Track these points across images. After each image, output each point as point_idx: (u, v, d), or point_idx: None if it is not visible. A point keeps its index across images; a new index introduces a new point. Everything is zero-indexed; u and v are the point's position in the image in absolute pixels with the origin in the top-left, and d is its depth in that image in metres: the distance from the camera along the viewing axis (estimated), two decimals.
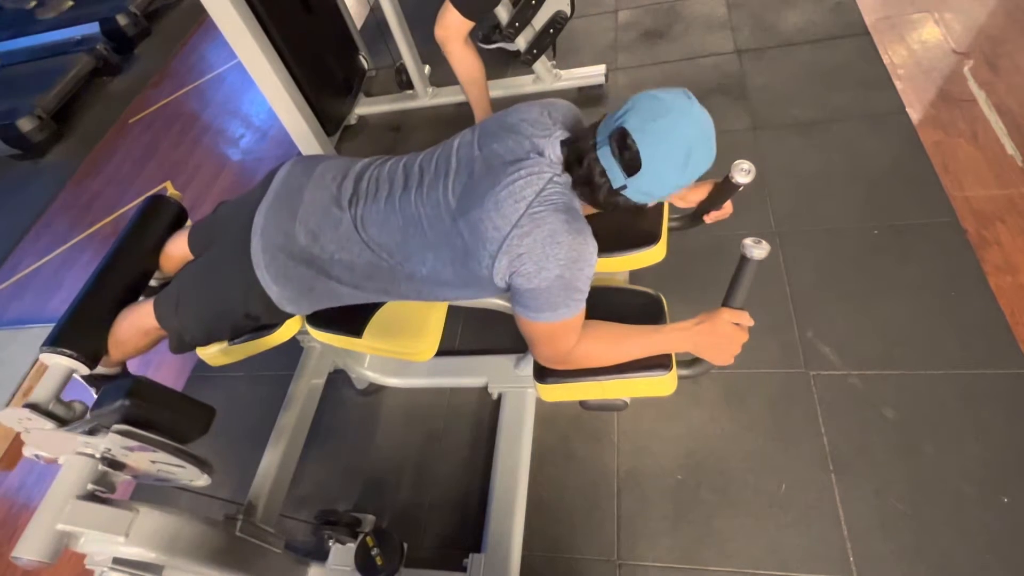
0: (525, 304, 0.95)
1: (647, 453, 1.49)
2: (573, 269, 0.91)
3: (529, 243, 0.90)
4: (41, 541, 0.86)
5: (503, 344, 1.73)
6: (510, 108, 1.06)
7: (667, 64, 2.47)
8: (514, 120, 1.02)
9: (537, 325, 0.97)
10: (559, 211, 0.91)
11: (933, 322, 1.51)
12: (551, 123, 1.01)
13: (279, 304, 1.13)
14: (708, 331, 0.98)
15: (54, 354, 1.11)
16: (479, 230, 0.94)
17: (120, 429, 0.89)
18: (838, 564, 1.25)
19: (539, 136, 0.98)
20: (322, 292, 1.13)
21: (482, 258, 0.95)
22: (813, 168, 1.92)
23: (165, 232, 1.36)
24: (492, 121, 1.06)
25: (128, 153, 3.23)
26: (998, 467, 1.28)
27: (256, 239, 1.09)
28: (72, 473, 0.93)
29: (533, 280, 0.91)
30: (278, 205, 1.11)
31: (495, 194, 0.93)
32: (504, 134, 1.00)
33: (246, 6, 2.03)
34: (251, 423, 1.71)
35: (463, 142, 1.06)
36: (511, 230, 0.90)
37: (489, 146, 1.00)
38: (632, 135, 0.86)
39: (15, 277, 2.70)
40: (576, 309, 0.95)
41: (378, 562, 1.28)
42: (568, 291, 0.93)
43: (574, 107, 1.08)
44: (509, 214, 0.91)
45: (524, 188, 0.92)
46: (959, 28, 2.18)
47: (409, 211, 1.03)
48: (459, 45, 2.00)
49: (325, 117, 2.47)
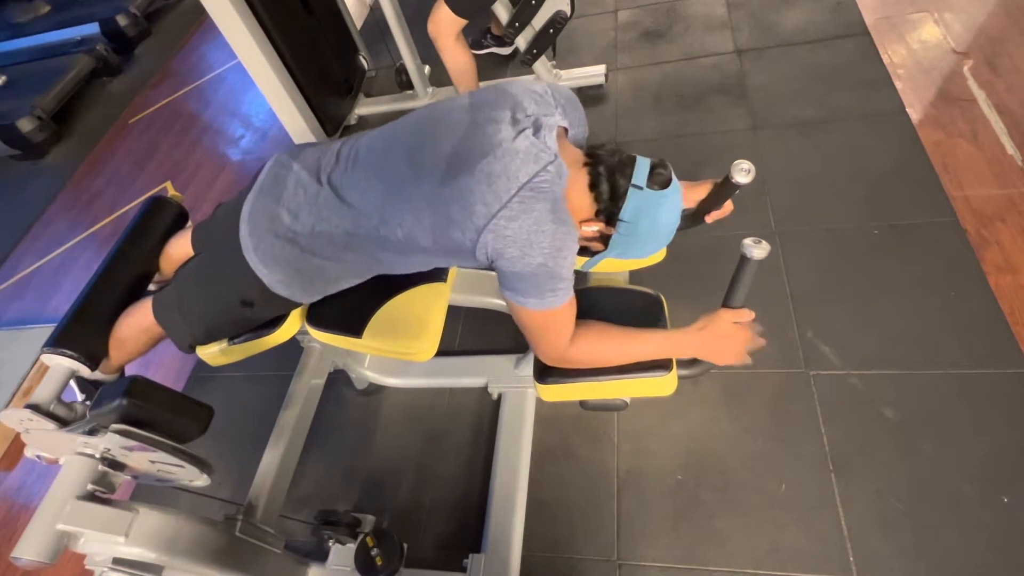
0: (511, 287, 0.97)
1: (647, 453, 1.49)
2: (557, 258, 0.93)
3: (515, 228, 0.91)
4: (41, 541, 0.86)
5: (503, 344, 1.73)
6: (511, 79, 1.06)
7: (667, 64, 2.47)
8: (516, 91, 1.01)
9: (526, 311, 0.98)
10: (547, 200, 0.92)
11: (933, 322, 1.51)
12: (553, 104, 1.02)
13: (271, 287, 1.12)
14: (711, 334, 0.99)
15: (55, 355, 1.11)
16: (468, 200, 0.93)
17: (119, 429, 0.89)
18: (838, 564, 1.25)
19: (542, 114, 0.98)
20: (310, 272, 1.13)
21: (466, 229, 0.94)
22: (813, 168, 1.92)
23: (166, 233, 1.36)
24: (490, 90, 1.05)
25: (128, 153, 3.23)
26: (998, 467, 1.28)
27: (244, 226, 1.10)
28: (72, 473, 0.93)
29: (516, 264, 0.93)
30: (263, 192, 1.12)
31: (488, 165, 0.92)
32: (503, 104, 0.99)
33: (246, 6, 2.03)
34: (251, 423, 1.71)
35: (456, 106, 1.04)
36: (500, 209, 0.91)
37: (485, 113, 0.99)
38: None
39: (15, 277, 2.70)
40: (563, 297, 0.96)
41: (378, 562, 1.28)
42: (552, 279, 0.94)
43: (575, 97, 1.10)
44: (500, 192, 0.91)
45: (520, 167, 0.92)
46: (959, 28, 2.18)
47: (389, 173, 1.02)
48: (450, 41, 2.01)
49: (325, 117, 2.47)
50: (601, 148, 1.00)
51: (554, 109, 1.01)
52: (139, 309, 1.23)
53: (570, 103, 1.07)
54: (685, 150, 2.12)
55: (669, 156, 1.02)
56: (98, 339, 1.19)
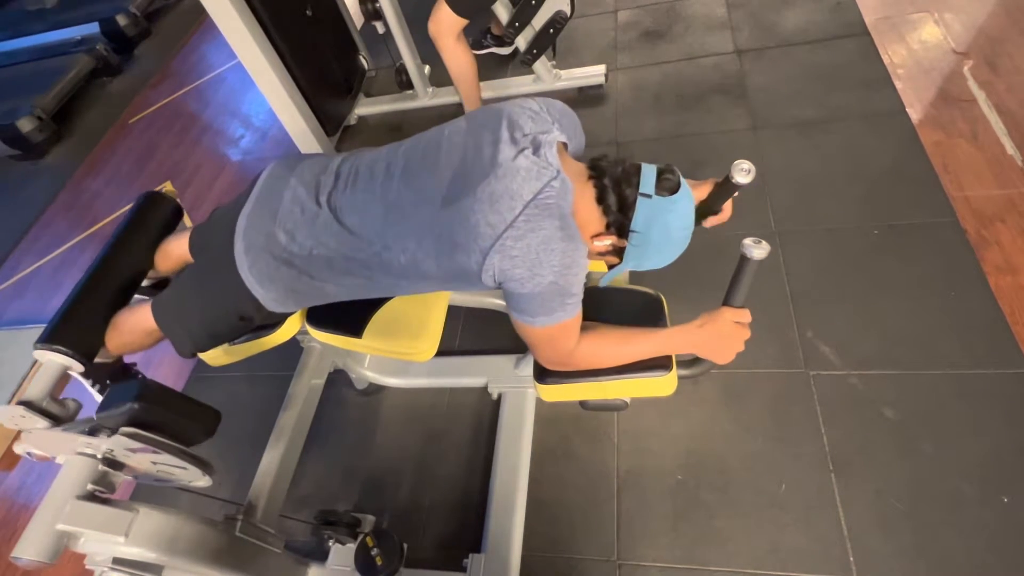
0: (520, 309, 0.95)
1: (647, 453, 1.49)
2: (567, 275, 0.91)
3: (523, 247, 0.89)
4: (41, 541, 0.86)
5: (503, 344, 1.73)
6: (505, 101, 1.05)
7: (667, 64, 2.47)
8: (512, 111, 1.00)
9: (534, 329, 0.97)
10: (554, 217, 0.91)
11: (933, 322, 1.51)
12: (550, 120, 1.00)
13: (266, 305, 1.12)
14: (711, 331, 0.99)
15: (48, 351, 1.09)
16: (470, 222, 0.92)
17: (128, 432, 0.89)
18: (838, 564, 1.25)
19: (539, 132, 0.97)
20: (306, 291, 1.12)
21: (472, 251, 0.93)
22: (813, 168, 1.92)
23: (160, 230, 1.34)
24: (486, 111, 1.04)
25: (128, 153, 3.23)
26: (998, 467, 1.28)
27: (239, 243, 1.08)
28: (72, 473, 0.93)
29: (526, 285, 0.91)
30: (259, 208, 1.10)
31: (489, 186, 0.91)
32: (500, 124, 0.98)
33: (246, 6, 2.03)
34: (251, 423, 1.71)
35: (454, 129, 1.03)
36: (506, 230, 0.89)
37: (483, 135, 0.98)
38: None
39: (15, 277, 2.70)
40: (572, 312, 0.95)
41: (378, 562, 1.28)
42: (562, 296, 0.93)
43: (570, 109, 1.08)
44: (504, 211, 0.90)
45: (522, 186, 0.90)
46: (959, 28, 2.18)
47: (391, 197, 1.00)
48: (451, 41, 2.01)
49: (325, 117, 2.47)
50: (604, 159, 0.99)
51: (551, 125, 0.99)
52: (140, 311, 1.22)
53: (565, 116, 1.06)
54: (685, 150, 2.12)
55: (669, 156, 1.02)
56: (92, 335, 1.17)
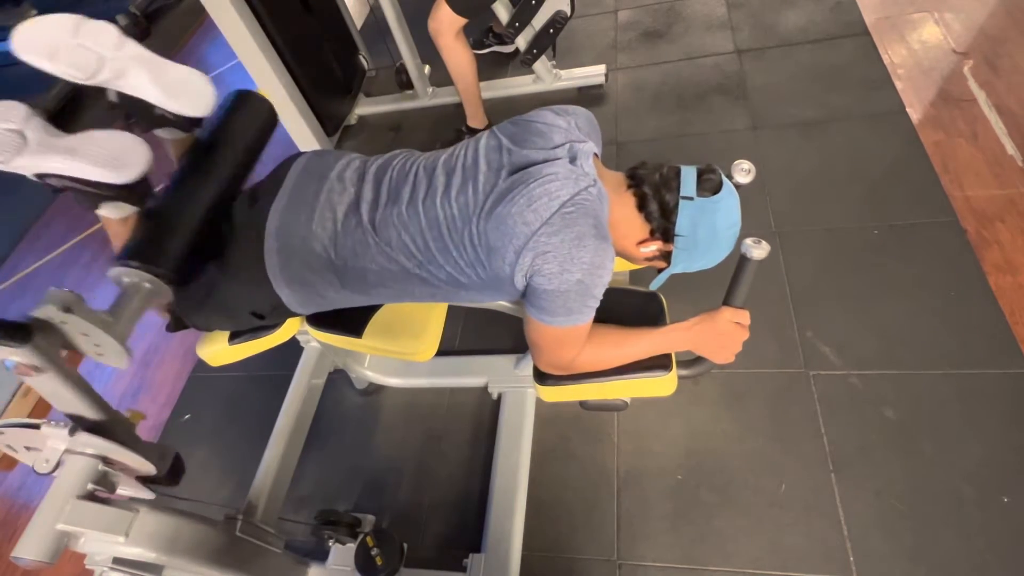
0: (540, 307, 0.95)
1: (647, 453, 1.49)
2: (594, 275, 0.91)
3: (556, 242, 0.89)
4: (41, 541, 0.85)
5: (503, 344, 1.73)
6: (531, 112, 1.06)
7: (667, 64, 2.47)
8: (542, 125, 1.02)
9: (548, 329, 0.97)
10: (589, 215, 0.91)
11: (933, 322, 1.51)
12: (580, 132, 1.02)
13: (289, 306, 1.11)
14: (710, 330, 0.99)
15: (129, 270, 0.93)
16: (507, 225, 0.92)
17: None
18: (838, 564, 1.25)
19: (575, 141, 0.99)
20: (332, 298, 1.11)
21: (506, 254, 0.93)
22: (813, 168, 1.92)
23: (260, 134, 1.18)
24: (516, 125, 1.05)
25: None
26: (998, 467, 1.29)
27: (271, 240, 1.05)
28: (72, 473, 0.93)
29: (554, 281, 0.90)
30: (293, 207, 1.07)
31: (529, 191, 0.92)
32: (535, 138, 0.99)
33: (246, 6, 2.03)
34: (251, 423, 1.71)
35: (489, 145, 1.03)
36: (541, 227, 0.90)
37: (520, 149, 0.99)
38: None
39: (15, 277, 2.70)
40: (587, 316, 0.96)
41: (378, 562, 1.28)
42: (584, 297, 0.93)
43: (594, 119, 1.10)
44: (541, 210, 0.90)
45: (560, 188, 0.91)
46: (959, 28, 2.18)
47: (433, 213, 1.00)
48: (450, 39, 2.01)
49: (325, 117, 2.47)
50: (642, 167, 1.00)
51: (584, 137, 1.01)
52: None
53: (590, 125, 1.08)
54: (685, 150, 2.12)
55: (669, 156, 1.02)
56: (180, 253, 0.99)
